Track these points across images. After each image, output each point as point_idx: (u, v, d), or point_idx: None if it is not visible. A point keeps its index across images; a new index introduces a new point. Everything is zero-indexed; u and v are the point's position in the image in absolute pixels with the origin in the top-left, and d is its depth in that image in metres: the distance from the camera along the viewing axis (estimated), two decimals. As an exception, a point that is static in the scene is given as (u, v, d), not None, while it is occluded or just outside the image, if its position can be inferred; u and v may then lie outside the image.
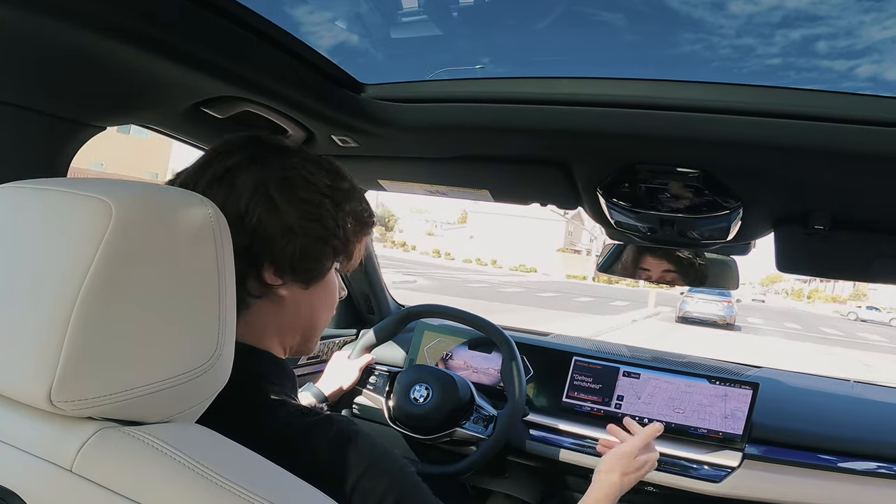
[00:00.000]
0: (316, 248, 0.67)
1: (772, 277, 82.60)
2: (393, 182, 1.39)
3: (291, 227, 0.64)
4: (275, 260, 0.65)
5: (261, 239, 0.63)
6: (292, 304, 0.69)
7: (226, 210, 0.58)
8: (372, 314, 1.83)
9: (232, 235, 0.58)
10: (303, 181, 0.66)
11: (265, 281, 0.65)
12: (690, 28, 0.96)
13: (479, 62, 1.08)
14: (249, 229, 0.62)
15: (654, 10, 0.99)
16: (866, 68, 0.88)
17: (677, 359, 1.60)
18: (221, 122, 0.97)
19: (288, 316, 0.70)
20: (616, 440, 1.08)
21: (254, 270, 0.64)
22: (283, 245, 0.64)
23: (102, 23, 0.65)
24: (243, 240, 0.61)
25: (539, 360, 1.54)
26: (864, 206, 1.05)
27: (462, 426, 1.30)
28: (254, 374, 0.66)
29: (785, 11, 0.92)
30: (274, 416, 0.62)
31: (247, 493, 0.44)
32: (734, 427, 1.33)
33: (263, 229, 0.63)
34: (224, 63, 0.78)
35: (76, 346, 0.42)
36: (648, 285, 13.73)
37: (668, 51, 1.01)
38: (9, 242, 0.47)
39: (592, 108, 0.89)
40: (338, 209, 0.68)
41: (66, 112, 0.83)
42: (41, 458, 0.45)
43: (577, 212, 1.71)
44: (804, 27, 0.90)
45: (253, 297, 0.66)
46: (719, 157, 0.95)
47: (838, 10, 0.87)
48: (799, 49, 0.92)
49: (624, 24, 0.97)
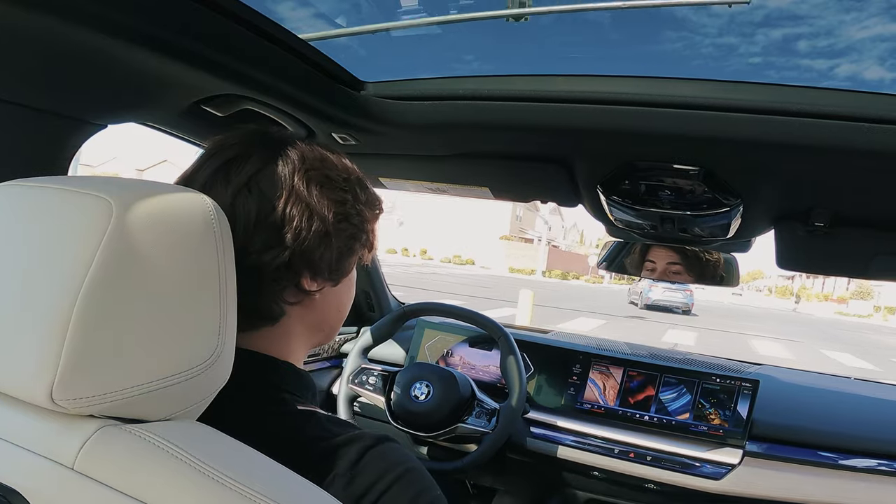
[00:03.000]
0: (348, 247, 0.66)
1: (753, 274, 76.54)
2: (393, 180, 1.39)
3: (328, 232, 0.63)
4: (313, 267, 0.64)
5: (301, 251, 0.62)
6: (323, 303, 0.68)
7: (261, 221, 0.59)
8: (373, 312, 1.83)
9: (271, 251, 0.59)
10: (326, 179, 0.65)
11: (304, 288, 0.64)
12: (673, 26, 0.97)
13: (479, 60, 1.08)
14: (289, 242, 0.61)
15: (639, 9, 0.99)
16: (846, 67, 0.89)
17: (678, 356, 1.60)
18: (222, 120, 0.97)
19: (319, 314, 0.69)
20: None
21: (293, 281, 0.63)
22: (321, 252, 0.63)
23: (103, 21, 0.65)
24: (283, 254, 0.60)
25: (539, 358, 1.54)
26: (865, 204, 1.05)
27: (464, 422, 1.30)
28: (277, 388, 0.64)
29: (767, 10, 0.93)
30: (301, 426, 0.61)
31: (249, 490, 0.44)
32: (735, 424, 1.33)
33: (302, 240, 0.61)
34: (225, 61, 0.78)
35: (77, 344, 0.42)
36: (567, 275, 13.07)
37: (651, 48, 1.01)
38: (9, 240, 0.47)
39: (593, 105, 0.89)
40: (357, 202, 0.67)
41: (66, 110, 0.83)
42: (43, 457, 0.45)
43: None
44: (785, 26, 0.91)
45: (289, 304, 0.65)
46: (719, 154, 0.95)
47: (819, 9, 0.88)
48: (780, 48, 0.93)
49: (608, 21, 0.97)
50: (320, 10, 1.00)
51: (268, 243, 0.60)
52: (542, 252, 36.95)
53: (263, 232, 0.60)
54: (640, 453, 1.35)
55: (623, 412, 1.42)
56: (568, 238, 64.21)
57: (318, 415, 0.63)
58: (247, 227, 0.59)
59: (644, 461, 1.34)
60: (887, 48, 0.85)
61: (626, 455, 1.36)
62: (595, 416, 1.43)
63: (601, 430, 1.40)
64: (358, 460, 0.57)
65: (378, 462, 0.57)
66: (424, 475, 0.60)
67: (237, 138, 0.65)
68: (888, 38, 0.84)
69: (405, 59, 1.14)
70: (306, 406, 0.64)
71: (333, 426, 0.61)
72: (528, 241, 45.52)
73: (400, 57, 1.13)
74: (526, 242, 45.05)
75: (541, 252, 36.94)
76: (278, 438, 0.58)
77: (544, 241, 37.07)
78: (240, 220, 0.59)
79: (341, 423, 0.63)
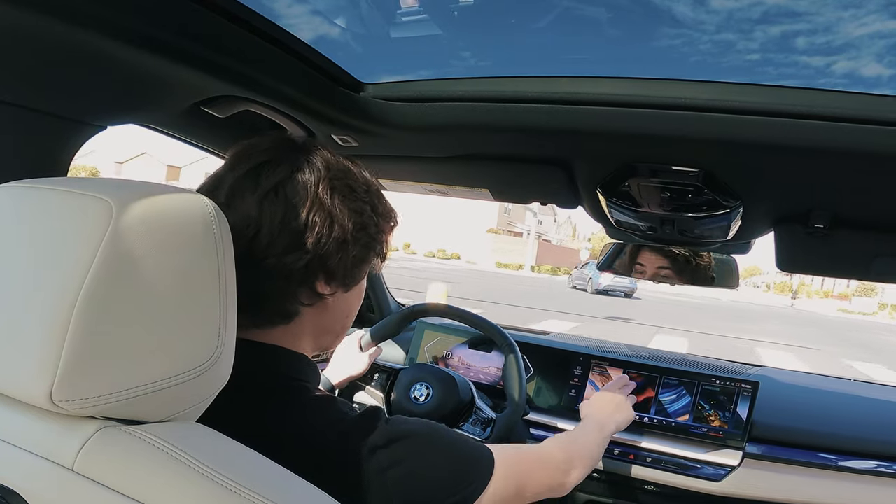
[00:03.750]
0: (363, 255, 0.69)
1: (750, 270, 74.37)
2: (393, 181, 1.39)
3: (346, 239, 0.66)
4: (329, 272, 0.66)
5: (319, 256, 0.64)
6: (334, 308, 0.71)
7: (285, 226, 0.62)
8: (373, 313, 1.83)
9: (292, 254, 0.62)
10: (348, 190, 0.67)
11: (317, 291, 0.67)
12: (671, 23, 0.96)
13: (479, 61, 1.08)
14: (309, 247, 0.63)
15: (636, 4, 0.99)
16: (843, 65, 0.89)
17: (678, 357, 1.60)
18: (222, 122, 0.97)
19: (329, 318, 0.72)
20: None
21: (309, 283, 0.66)
22: (338, 258, 0.66)
23: (103, 22, 0.65)
24: (303, 258, 0.63)
25: (540, 359, 1.54)
26: (865, 205, 1.05)
27: (460, 427, 1.30)
28: (295, 378, 0.68)
29: (765, 7, 0.93)
30: (324, 412, 0.65)
31: (248, 491, 0.44)
32: (734, 426, 1.33)
33: (322, 246, 0.64)
34: (224, 62, 0.78)
35: (77, 345, 0.42)
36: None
37: (649, 45, 1.01)
38: (9, 242, 0.47)
39: (592, 106, 0.89)
40: (375, 213, 0.70)
41: (66, 111, 0.83)
42: (42, 458, 0.45)
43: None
44: (784, 23, 0.91)
45: (303, 305, 0.67)
46: (719, 155, 0.95)
47: (818, 5, 0.88)
48: (778, 45, 0.93)
49: (605, 18, 0.97)
50: (319, 10, 1.00)
51: (290, 246, 0.63)
52: (531, 246, 35.46)
53: (287, 235, 0.62)
54: (639, 455, 1.35)
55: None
56: (561, 232, 62.60)
57: (337, 400, 0.67)
58: (272, 229, 0.62)
59: (644, 463, 1.34)
60: (885, 45, 0.85)
61: (625, 456, 1.36)
62: None
63: None
64: (374, 432, 0.62)
65: (391, 428, 0.63)
66: (440, 428, 0.68)
67: (267, 143, 0.67)
68: (886, 35, 0.85)
69: (405, 61, 1.14)
70: (323, 393, 0.69)
71: (349, 409, 0.66)
72: (518, 235, 44.09)
73: (400, 58, 1.13)
74: (515, 236, 43.53)
75: (529, 246, 35.51)
76: (299, 425, 0.62)
77: (533, 234, 35.92)
78: (266, 222, 0.62)
79: (359, 406, 0.67)
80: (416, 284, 11.01)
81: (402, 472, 0.61)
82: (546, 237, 50.81)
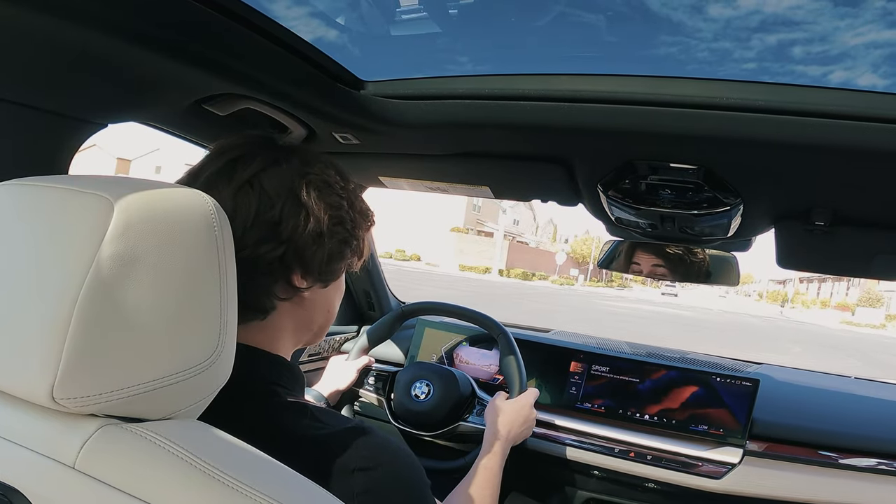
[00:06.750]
0: (339, 250, 0.69)
1: (742, 278, 72.35)
2: (393, 179, 1.39)
3: (322, 232, 0.66)
4: (304, 265, 0.66)
5: (294, 248, 0.65)
6: (312, 303, 0.71)
7: (259, 217, 0.61)
8: (373, 311, 1.83)
9: (266, 244, 0.62)
10: (325, 185, 0.67)
11: (294, 285, 0.67)
12: (669, 31, 0.97)
13: (479, 59, 1.08)
14: (284, 238, 0.64)
15: (634, 11, 1.00)
16: (839, 74, 0.89)
17: (678, 355, 1.60)
18: (222, 120, 0.97)
19: (307, 314, 0.72)
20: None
21: (284, 276, 0.66)
22: (313, 251, 0.66)
23: (103, 21, 0.65)
24: (277, 249, 0.63)
25: (539, 357, 1.54)
26: (865, 203, 1.04)
27: (465, 420, 1.30)
28: (270, 381, 0.67)
29: (763, 16, 0.93)
30: (296, 420, 0.63)
31: (249, 489, 0.44)
32: (735, 424, 1.33)
33: (297, 237, 0.64)
34: (225, 60, 0.78)
35: (78, 343, 0.42)
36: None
37: (647, 52, 1.01)
38: (10, 240, 0.47)
39: (593, 104, 0.89)
40: (352, 209, 0.71)
41: (67, 110, 0.83)
42: (44, 455, 0.45)
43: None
44: (781, 32, 0.91)
45: (279, 300, 0.67)
46: (719, 153, 0.95)
47: (814, 15, 0.88)
48: (775, 54, 0.93)
49: (603, 24, 0.97)
50: (320, 9, 1.00)
51: (264, 238, 0.63)
52: (500, 247, 31.81)
53: (261, 227, 0.62)
54: (640, 453, 1.35)
55: (623, 412, 1.42)
56: (541, 234, 60.17)
57: (309, 407, 0.65)
58: (246, 221, 0.62)
59: (644, 460, 1.34)
60: (881, 55, 0.85)
61: (626, 454, 1.36)
62: (595, 416, 1.44)
63: (601, 430, 1.40)
64: (353, 451, 0.59)
65: (370, 451, 0.60)
66: (413, 464, 0.63)
67: (243, 139, 0.68)
68: (882, 45, 0.85)
69: (405, 58, 1.14)
70: (297, 398, 0.67)
71: (325, 417, 0.63)
72: (489, 235, 39.81)
73: (400, 56, 1.13)
74: (485, 236, 39.68)
75: (498, 247, 32.28)
76: (272, 431, 0.60)
77: (502, 232, 32.77)
78: (240, 214, 0.62)
79: (333, 414, 0.65)
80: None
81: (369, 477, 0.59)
82: (522, 238, 47.88)
